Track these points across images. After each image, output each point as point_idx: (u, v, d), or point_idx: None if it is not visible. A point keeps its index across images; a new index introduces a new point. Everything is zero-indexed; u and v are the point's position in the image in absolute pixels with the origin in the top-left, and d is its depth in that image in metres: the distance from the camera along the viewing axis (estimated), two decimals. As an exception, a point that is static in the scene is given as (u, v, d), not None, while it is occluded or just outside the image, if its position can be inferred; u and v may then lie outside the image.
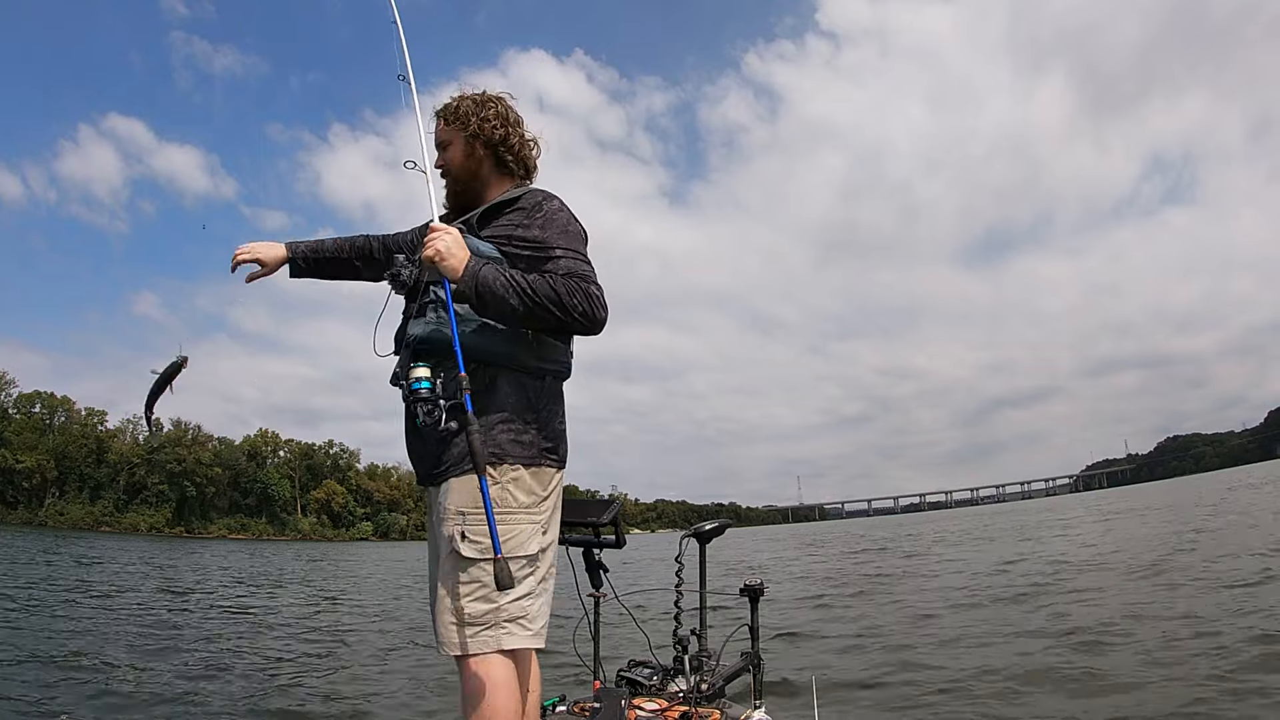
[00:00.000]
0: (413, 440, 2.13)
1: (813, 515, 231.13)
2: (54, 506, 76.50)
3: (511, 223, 2.10)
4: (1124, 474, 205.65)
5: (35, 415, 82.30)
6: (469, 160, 2.25)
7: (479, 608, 1.91)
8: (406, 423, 2.11)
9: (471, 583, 1.92)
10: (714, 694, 2.79)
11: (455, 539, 1.92)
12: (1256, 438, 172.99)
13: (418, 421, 1.91)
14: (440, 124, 2.28)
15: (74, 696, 5.34)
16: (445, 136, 2.27)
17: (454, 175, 2.26)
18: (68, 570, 19.18)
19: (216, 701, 5.40)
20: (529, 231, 2.06)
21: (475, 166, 2.25)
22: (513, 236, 2.07)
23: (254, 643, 8.33)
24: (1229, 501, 25.91)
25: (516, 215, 2.11)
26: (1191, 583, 8.42)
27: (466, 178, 2.26)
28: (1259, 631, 5.53)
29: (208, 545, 54.69)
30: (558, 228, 2.08)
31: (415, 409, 1.91)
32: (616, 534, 2.95)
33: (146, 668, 6.50)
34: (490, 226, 2.11)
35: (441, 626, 1.93)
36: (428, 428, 1.89)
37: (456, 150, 2.25)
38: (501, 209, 2.15)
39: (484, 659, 1.90)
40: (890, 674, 5.62)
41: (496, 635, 1.91)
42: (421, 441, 2.07)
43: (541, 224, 2.07)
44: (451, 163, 2.26)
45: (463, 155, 2.25)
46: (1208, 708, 4.13)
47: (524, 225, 2.08)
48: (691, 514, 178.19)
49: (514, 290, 1.92)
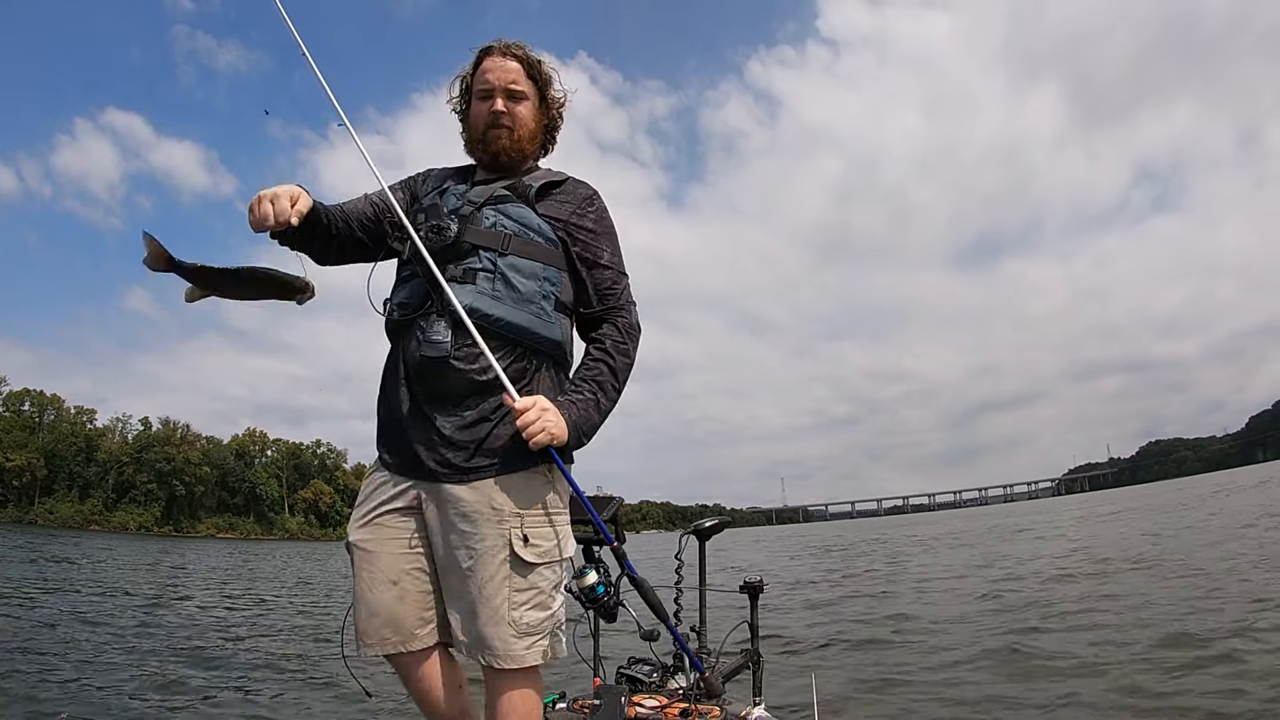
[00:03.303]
0: (416, 423, 1.82)
1: (796, 517, 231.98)
2: (43, 505, 76.05)
3: (567, 208, 1.93)
4: (1105, 478, 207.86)
5: (25, 414, 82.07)
6: (536, 126, 2.03)
7: (536, 615, 1.78)
8: (409, 405, 1.84)
9: (530, 589, 1.78)
10: (714, 691, 2.80)
11: (514, 542, 1.77)
12: (1238, 442, 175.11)
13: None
14: (516, 67, 1.98)
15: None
16: (523, 87, 1.99)
17: (517, 135, 1.98)
18: (43, 569, 18.94)
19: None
20: (584, 221, 1.93)
21: (536, 135, 2.04)
22: (568, 222, 1.91)
23: (221, 644, 8.28)
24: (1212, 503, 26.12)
25: (570, 202, 1.95)
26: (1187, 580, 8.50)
27: (527, 144, 2.01)
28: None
29: (194, 544, 54.22)
30: (607, 228, 1.98)
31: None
32: (617, 532, 2.95)
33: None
34: (543, 204, 1.92)
35: (496, 639, 1.74)
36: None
37: (531, 109, 2.01)
38: (551, 189, 1.96)
39: (532, 670, 1.79)
40: (890, 671, 5.64)
41: (550, 644, 1.80)
42: (427, 427, 1.80)
43: (595, 220, 1.95)
44: (522, 122, 1.99)
45: (535, 119, 2.02)
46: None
47: (579, 214, 1.93)
48: (676, 515, 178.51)
49: (604, 406, 1.86)
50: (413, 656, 1.84)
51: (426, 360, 1.78)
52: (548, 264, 1.87)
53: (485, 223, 1.86)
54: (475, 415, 1.79)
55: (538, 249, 1.87)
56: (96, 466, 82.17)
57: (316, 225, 1.85)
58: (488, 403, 1.79)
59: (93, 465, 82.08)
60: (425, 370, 1.79)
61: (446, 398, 1.80)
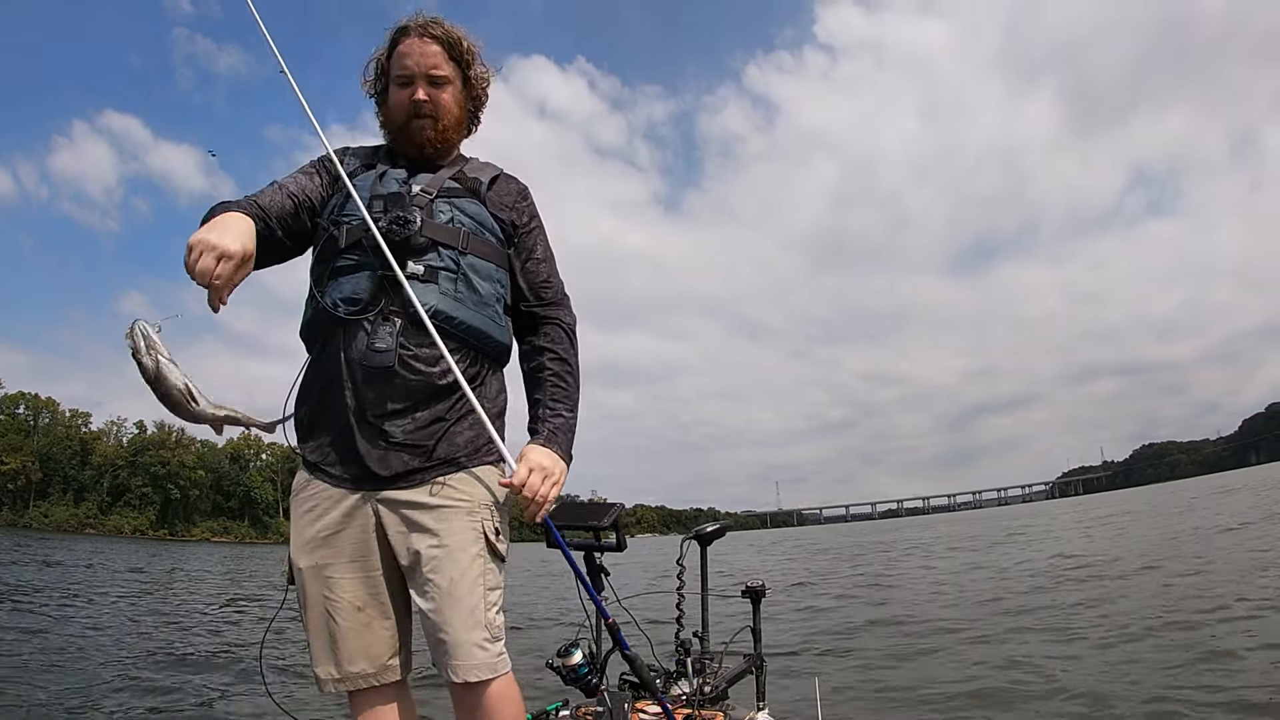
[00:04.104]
0: (364, 430, 1.64)
1: (791, 521, 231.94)
2: (38, 509, 75.92)
3: (507, 202, 1.86)
4: (1100, 481, 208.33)
5: (20, 417, 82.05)
6: (461, 112, 1.88)
7: (501, 619, 1.66)
8: (354, 410, 1.65)
9: (498, 589, 1.67)
10: (717, 696, 2.79)
11: (488, 534, 1.65)
12: (1231, 445, 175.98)
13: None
14: (437, 50, 1.81)
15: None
16: (445, 71, 1.83)
17: (442, 125, 1.83)
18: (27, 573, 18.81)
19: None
20: (521, 217, 1.87)
21: (461, 122, 1.90)
22: (509, 219, 1.85)
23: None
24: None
25: (509, 195, 1.88)
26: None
27: (453, 133, 1.87)
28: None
29: (189, 548, 53.96)
30: (539, 223, 1.93)
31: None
32: (617, 537, 2.93)
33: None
34: (488, 200, 1.84)
35: (474, 645, 1.59)
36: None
37: (454, 95, 1.85)
38: (493, 183, 1.87)
39: (508, 678, 1.64)
40: (893, 676, 5.63)
41: (505, 651, 1.66)
42: (376, 434, 1.64)
43: (529, 214, 1.90)
44: (446, 109, 1.84)
45: (459, 104, 1.87)
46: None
47: (517, 210, 1.87)
48: (671, 519, 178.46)
49: (574, 423, 1.81)
50: (379, 693, 1.67)
51: (375, 367, 1.62)
52: (499, 265, 1.80)
53: (442, 217, 1.74)
54: (429, 416, 1.66)
55: (490, 249, 1.78)
56: (91, 470, 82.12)
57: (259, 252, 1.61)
58: (442, 404, 1.68)
59: (88, 469, 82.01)
60: (376, 374, 1.62)
61: (397, 402, 1.64)
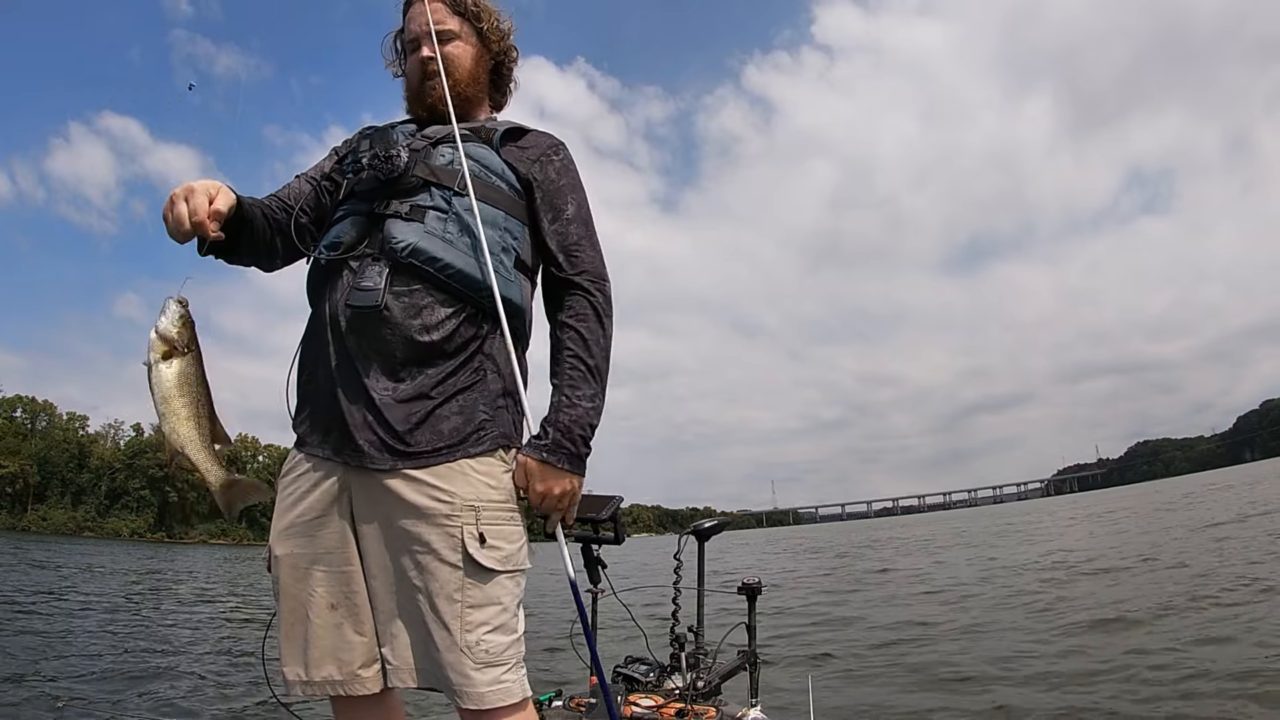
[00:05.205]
0: (345, 385, 1.47)
1: (787, 519, 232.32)
2: (36, 512, 75.78)
3: (530, 155, 1.66)
4: (1095, 478, 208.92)
5: (17, 420, 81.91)
6: (477, 68, 1.76)
7: (499, 641, 1.41)
8: (336, 363, 1.48)
9: (489, 605, 1.41)
10: (710, 691, 2.80)
11: (467, 542, 1.40)
12: (1225, 442, 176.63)
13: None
14: (439, 5, 1.71)
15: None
16: (452, 26, 1.71)
17: (455, 79, 1.69)
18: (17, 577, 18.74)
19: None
20: (547, 170, 1.65)
21: (478, 77, 1.77)
22: (531, 171, 1.64)
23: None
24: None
25: (533, 148, 1.68)
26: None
27: (467, 86, 1.73)
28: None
29: (187, 551, 53.79)
30: (573, 181, 1.68)
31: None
32: (615, 530, 2.94)
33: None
34: (505, 149, 1.66)
35: (453, 670, 1.39)
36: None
37: (468, 48, 1.74)
38: (515, 135, 1.70)
39: (522, 711, 1.42)
40: (886, 673, 5.66)
41: (522, 678, 1.44)
42: (356, 391, 1.45)
43: (559, 170, 1.67)
44: (459, 63, 1.71)
45: (473, 58, 1.74)
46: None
47: (542, 163, 1.66)
48: (667, 518, 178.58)
49: (591, 406, 1.52)
50: (355, 705, 1.51)
51: (356, 309, 1.45)
52: (510, 214, 1.59)
53: (441, 160, 1.59)
54: (412, 390, 1.45)
55: (499, 195, 1.59)
56: (89, 473, 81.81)
57: (245, 228, 1.53)
58: (427, 376, 1.46)
59: (85, 472, 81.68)
60: (355, 321, 1.46)
61: (380, 356, 1.46)
